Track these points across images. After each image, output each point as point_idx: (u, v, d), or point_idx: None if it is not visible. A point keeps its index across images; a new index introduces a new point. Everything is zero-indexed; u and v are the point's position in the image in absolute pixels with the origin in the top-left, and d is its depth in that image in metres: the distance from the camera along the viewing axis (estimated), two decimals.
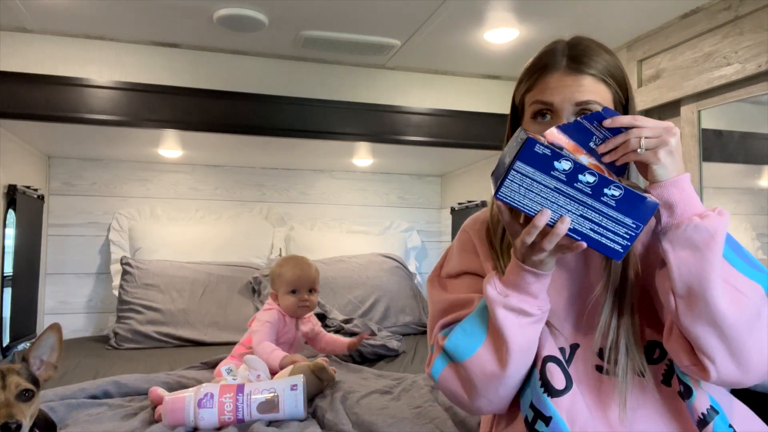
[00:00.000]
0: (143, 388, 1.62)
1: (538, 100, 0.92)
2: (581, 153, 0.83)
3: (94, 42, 2.43)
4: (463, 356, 0.89)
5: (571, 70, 0.90)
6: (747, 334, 0.79)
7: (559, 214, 0.78)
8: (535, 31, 2.31)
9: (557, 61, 0.91)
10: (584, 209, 0.77)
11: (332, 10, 2.16)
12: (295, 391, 1.39)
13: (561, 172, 0.76)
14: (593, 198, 0.76)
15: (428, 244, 3.45)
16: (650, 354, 0.91)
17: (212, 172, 3.09)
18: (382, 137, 2.57)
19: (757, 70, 1.85)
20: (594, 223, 0.77)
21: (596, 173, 0.76)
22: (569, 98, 0.89)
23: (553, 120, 0.91)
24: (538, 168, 0.76)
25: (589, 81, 0.90)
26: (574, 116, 0.89)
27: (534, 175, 0.77)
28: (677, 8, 2.09)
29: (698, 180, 2.10)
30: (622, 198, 0.76)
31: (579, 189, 0.76)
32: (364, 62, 2.72)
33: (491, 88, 2.90)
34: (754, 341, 0.79)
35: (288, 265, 1.97)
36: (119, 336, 2.38)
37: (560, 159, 0.76)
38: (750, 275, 0.82)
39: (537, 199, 0.78)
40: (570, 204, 0.77)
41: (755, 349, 0.79)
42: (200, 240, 2.89)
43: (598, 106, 0.89)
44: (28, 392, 1.05)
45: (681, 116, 2.18)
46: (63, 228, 2.82)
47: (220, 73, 2.56)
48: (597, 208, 0.77)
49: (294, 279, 1.92)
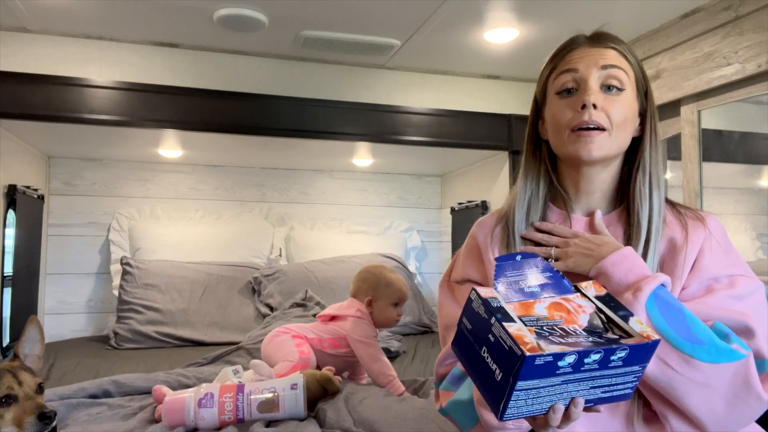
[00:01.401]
0: (143, 388, 1.62)
1: (563, 70, 0.92)
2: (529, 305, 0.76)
3: (94, 42, 2.43)
4: (462, 426, 0.91)
5: (594, 43, 0.93)
6: (683, 401, 0.80)
7: (570, 397, 0.71)
8: (535, 31, 2.31)
9: (579, 39, 0.94)
10: (594, 381, 0.70)
11: (332, 10, 2.16)
12: (295, 391, 1.39)
13: (566, 366, 0.67)
14: (601, 370, 0.69)
15: (428, 244, 3.45)
16: None
17: (212, 172, 3.09)
18: (382, 137, 2.56)
19: (757, 70, 1.85)
20: (605, 387, 0.72)
21: (601, 349, 0.67)
22: (594, 62, 0.91)
23: (579, 94, 0.90)
24: (541, 376, 0.67)
25: (613, 53, 0.92)
26: (600, 84, 0.90)
27: (539, 383, 0.68)
28: (677, 8, 2.09)
29: (698, 180, 2.10)
30: (629, 355, 0.69)
31: (586, 370, 0.69)
32: (364, 62, 2.72)
33: (491, 88, 2.91)
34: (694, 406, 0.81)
35: (394, 276, 1.89)
36: (119, 336, 2.38)
37: (563, 357, 0.66)
38: (682, 347, 0.80)
39: (546, 399, 0.70)
40: (579, 385, 0.70)
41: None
42: (200, 240, 2.89)
43: (623, 74, 0.91)
44: (41, 385, 1.11)
45: (681, 116, 2.18)
46: (63, 228, 2.82)
47: (220, 73, 2.56)
48: (606, 375, 0.70)
49: (405, 292, 1.86)
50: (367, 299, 1.85)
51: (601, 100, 0.89)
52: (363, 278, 1.90)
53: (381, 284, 1.85)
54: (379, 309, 1.83)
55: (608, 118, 0.89)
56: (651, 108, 0.96)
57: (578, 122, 0.89)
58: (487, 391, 0.70)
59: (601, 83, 0.91)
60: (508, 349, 0.66)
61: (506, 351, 0.66)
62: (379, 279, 1.87)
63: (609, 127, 0.90)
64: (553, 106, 0.94)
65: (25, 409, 1.03)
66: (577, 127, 0.90)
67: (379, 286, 1.85)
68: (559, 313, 0.74)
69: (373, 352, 1.75)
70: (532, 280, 0.79)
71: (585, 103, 0.88)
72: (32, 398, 1.05)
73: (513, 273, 0.79)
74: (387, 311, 1.83)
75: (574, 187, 0.97)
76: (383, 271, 1.91)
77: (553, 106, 0.94)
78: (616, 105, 0.90)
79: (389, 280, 1.86)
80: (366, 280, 1.89)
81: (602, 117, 0.89)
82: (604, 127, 0.89)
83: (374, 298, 1.84)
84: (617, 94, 0.91)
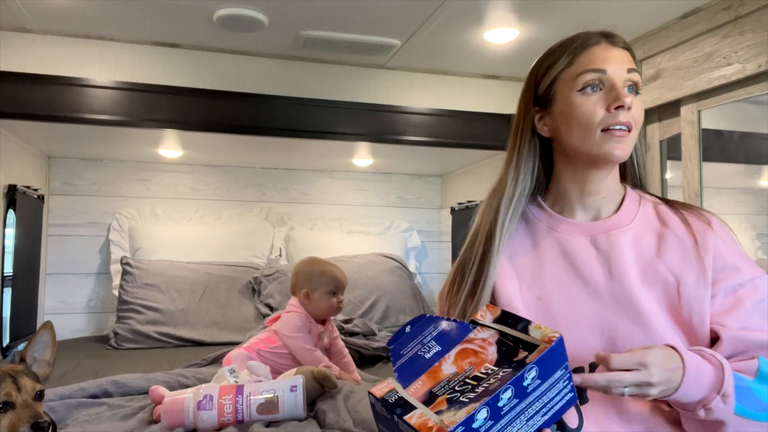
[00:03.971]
0: (143, 388, 1.62)
1: (590, 69, 0.91)
2: (436, 370, 0.72)
3: (94, 42, 2.43)
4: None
5: (612, 44, 0.93)
6: None
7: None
8: (535, 31, 2.31)
9: (594, 37, 0.94)
10: (526, 413, 0.66)
11: (332, 10, 2.16)
12: (295, 392, 1.39)
13: (485, 421, 0.63)
14: (522, 400, 0.65)
15: (428, 245, 3.45)
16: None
17: (212, 172, 3.09)
18: (382, 137, 2.56)
19: (757, 70, 1.85)
20: (542, 409, 0.68)
21: (508, 385, 0.64)
22: (620, 65, 0.91)
23: (609, 94, 0.90)
24: None
25: (629, 55, 0.93)
26: (624, 85, 0.90)
27: None
28: (677, 8, 2.09)
29: (698, 180, 2.10)
30: (540, 369, 0.66)
31: (507, 410, 0.65)
32: (364, 62, 2.72)
33: (491, 88, 2.90)
34: None
35: (326, 265, 1.92)
36: (119, 336, 2.38)
37: (474, 417, 0.62)
38: (761, 418, 0.82)
39: None
40: (514, 425, 0.66)
41: None
42: (200, 240, 2.89)
43: (639, 76, 0.93)
44: (41, 392, 1.08)
45: (681, 116, 2.18)
46: (63, 228, 2.82)
47: (220, 73, 2.56)
48: (532, 401, 0.66)
49: (341, 279, 1.89)
50: (304, 292, 1.87)
51: (629, 101, 0.89)
52: (297, 273, 1.93)
53: (315, 275, 1.88)
54: (316, 300, 1.86)
55: (633, 120, 0.91)
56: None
57: (614, 122, 0.89)
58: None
59: (625, 85, 0.91)
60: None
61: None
62: (312, 270, 1.90)
63: (635, 128, 0.91)
64: (579, 103, 0.91)
65: (21, 417, 1.01)
66: (611, 126, 0.89)
67: (312, 277, 1.88)
68: (467, 360, 0.72)
69: (301, 345, 1.77)
70: (430, 342, 0.76)
71: (623, 104, 0.88)
72: (30, 406, 1.02)
73: (409, 346, 0.76)
74: (325, 301, 1.86)
75: (578, 190, 0.96)
76: (316, 262, 1.94)
77: (578, 102, 0.91)
78: (638, 107, 0.92)
79: (322, 270, 1.89)
80: (300, 273, 1.92)
81: (632, 118, 0.90)
82: (632, 129, 0.91)
83: (310, 290, 1.87)
84: (636, 96, 0.92)
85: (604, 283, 0.90)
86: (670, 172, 2.28)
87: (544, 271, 0.95)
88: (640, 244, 0.92)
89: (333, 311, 1.89)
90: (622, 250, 0.91)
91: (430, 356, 0.74)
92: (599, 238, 0.94)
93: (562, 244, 0.95)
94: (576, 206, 0.97)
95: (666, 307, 0.88)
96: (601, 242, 0.93)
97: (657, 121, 2.31)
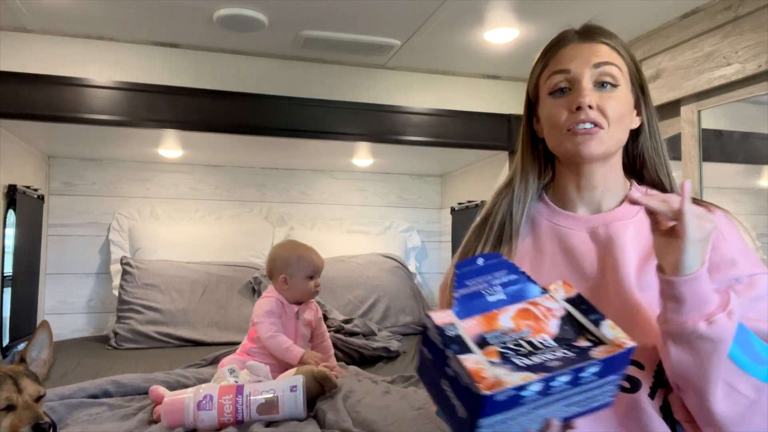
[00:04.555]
0: (143, 388, 1.62)
1: (555, 70, 0.91)
2: (493, 316, 0.70)
3: (94, 42, 2.43)
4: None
5: (585, 39, 0.92)
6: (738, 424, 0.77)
7: (543, 420, 0.66)
8: (535, 31, 2.31)
9: (569, 36, 0.93)
10: (568, 400, 0.65)
11: (332, 10, 2.16)
12: (295, 392, 1.39)
13: (533, 395, 0.62)
14: (573, 388, 0.64)
15: (428, 244, 3.44)
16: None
17: (212, 172, 3.09)
18: (382, 137, 2.56)
19: (757, 70, 1.85)
20: (581, 403, 0.67)
21: (569, 371, 0.63)
22: (586, 61, 0.89)
23: (573, 95, 0.89)
24: (506, 409, 0.62)
25: (605, 48, 0.91)
26: (593, 82, 0.89)
27: (505, 417, 0.63)
28: (677, 8, 2.09)
29: (698, 180, 2.10)
30: (602, 369, 0.65)
31: (556, 392, 0.64)
32: (364, 62, 2.72)
33: (491, 88, 2.90)
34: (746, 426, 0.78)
35: (304, 249, 1.93)
36: (119, 336, 2.38)
37: (527, 387, 0.61)
38: (754, 372, 0.77)
39: (516, 427, 0.64)
40: (552, 406, 0.65)
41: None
42: (200, 240, 2.89)
43: (617, 69, 0.90)
44: (42, 394, 1.09)
45: (681, 116, 2.18)
46: (63, 228, 2.82)
47: (220, 73, 2.56)
48: (579, 392, 0.66)
49: (318, 264, 1.90)
50: (282, 277, 1.87)
51: (596, 98, 0.88)
52: (273, 258, 1.93)
53: (292, 260, 1.88)
54: (294, 285, 1.87)
55: (604, 116, 0.89)
56: (647, 98, 0.96)
57: (574, 122, 0.89)
58: (454, 423, 0.66)
59: (595, 81, 0.90)
60: (466, 387, 0.61)
61: (465, 388, 0.61)
62: (290, 255, 1.89)
63: (606, 124, 0.89)
64: (548, 107, 0.93)
65: (22, 418, 1.01)
66: (572, 126, 0.89)
67: (290, 262, 1.88)
68: (527, 322, 0.70)
69: (264, 329, 1.78)
70: (497, 286, 0.74)
71: (580, 105, 0.88)
72: (30, 407, 1.03)
73: (475, 280, 0.74)
74: (303, 285, 1.87)
75: (575, 186, 0.97)
76: (292, 247, 1.94)
77: (548, 106, 0.93)
78: (611, 101, 0.89)
79: (299, 255, 1.89)
80: (277, 259, 1.91)
81: (598, 115, 0.88)
82: (602, 125, 0.89)
83: (288, 275, 1.87)
84: (611, 91, 0.90)
85: (599, 276, 0.91)
86: None
87: (543, 264, 0.95)
88: (640, 237, 0.92)
89: (310, 295, 1.91)
90: (621, 242, 0.91)
91: (492, 300, 0.72)
92: (599, 230, 0.94)
93: (562, 238, 0.96)
94: (576, 201, 0.97)
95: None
96: (601, 234, 0.93)
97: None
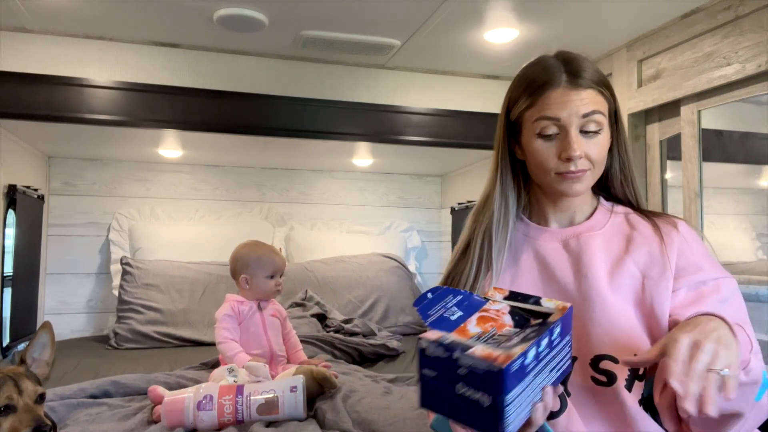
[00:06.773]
0: (143, 388, 1.62)
1: (544, 116, 0.93)
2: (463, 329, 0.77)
3: (94, 42, 2.43)
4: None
5: (572, 85, 0.93)
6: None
7: (539, 391, 0.73)
8: (535, 31, 2.31)
9: (556, 77, 0.94)
10: (549, 365, 0.74)
11: (332, 10, 2.16)
12: (295, 393, 1.39)
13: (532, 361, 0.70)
14: (551, 351, 0.73)
15: (428, 244, 3.45)
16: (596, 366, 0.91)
17: (212, 172, 3.09)
18: (382, 137, 2.56)
19: (757, 70, 1.85)
20: (556, 366, 0.75)
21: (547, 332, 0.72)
22: (575, 112, 0.92)
23: (562, 143, 0.93)
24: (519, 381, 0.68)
25: (590, 93, 0.94)
26: (580, 129, 0.93)
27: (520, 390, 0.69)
28: (677, 8, 2.09)
29: (698, 180, 2.10)
30: (562, 329, 0.74)
31: (543, 356, 0.72)
32: (364, 62, 2.72)
33: (491, 88, 2.90)
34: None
35: (264, 249, 1.94)
36: (119, 336, 2.38)
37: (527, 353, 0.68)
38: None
39: (527, 402, 0.70)
40: (542, 374, 0.73)
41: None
42: (200, 240, 2.89)
43: (601, 116, 0.94)
44: (43, 395, 1.08)
45: (681, 116, 2.18)
46: (63, 228, 2.82)
47: (220, 73, 2.56)
48: (553, 354, 0.75)
49: (278, 264, 1.91)
50: (243, 276, 1.88)
51: (583, 145, 0.93)
52: (235, 258, 1.93)
53: (252, 261, 1.89)
54: (255, 284, 1.88)
55: (590, 160, 0.94)
56: (618, 122, 1.01)
57: (564, 169, 0.94)
58: (480, 422, 0.68)
59: (581, 128, 0.93)
60: (486, 372, 0.66)
61: (484, 374, 0.66)
62: (250, 255, 1.90)
63: (591, 167, 0.95)
64: (536, 147, 0.96)
65: (22, 420, 1.01)
66: (563, 172, 0.94)
67: (250, 262, 1.89)
68: (489, 324, 0.77)
69: (218, 333, 1.79)
70: (452, 308, 0.82)
71: (571, 157, 0.92)
72: (31, 409, 1.02)
73: (434, 309, 0.81)
74: (264, 285, 1.88)
75: (551, 206, 1.03)
76: (253, 247, 1.94)
77: (536, 146, 0.96)
78: (596, 147, 0.95)
79: (259, 255, 1.89)
80: (238, 259, 1.92)
81: (585, 162, 0.94)
82: (587, 169, 0.94)
83: (249, 275, 1.88)
84: (596, 136, 0.94)
85: (573, 282, 0.96)
86: (670, 172, 2.28)
87: (520, 277, 1.00)
88: (609, 245, 0.98)
89: (272, 293, 1.91)
90: (592, 250, 0.97)
91: (454, 318, 0.80)
92: (570, 241, 1.00)
93: (538, 251, 1.01)
94: (550, 217, 1.04)
95: (633, 299, 0.93)
96: (572, 245, 1.00)
97: (657, 121, 2.31)
